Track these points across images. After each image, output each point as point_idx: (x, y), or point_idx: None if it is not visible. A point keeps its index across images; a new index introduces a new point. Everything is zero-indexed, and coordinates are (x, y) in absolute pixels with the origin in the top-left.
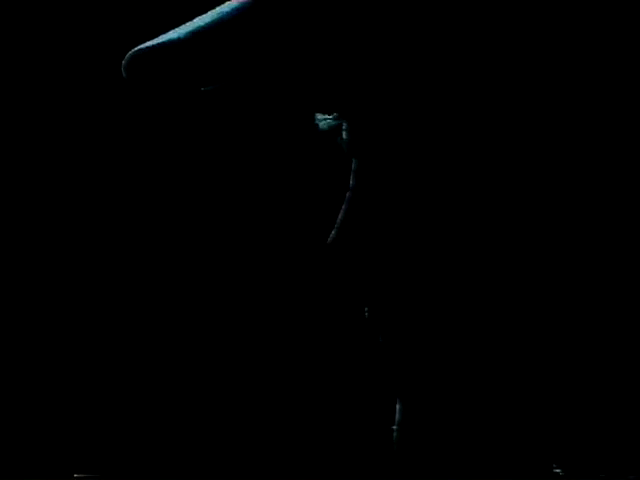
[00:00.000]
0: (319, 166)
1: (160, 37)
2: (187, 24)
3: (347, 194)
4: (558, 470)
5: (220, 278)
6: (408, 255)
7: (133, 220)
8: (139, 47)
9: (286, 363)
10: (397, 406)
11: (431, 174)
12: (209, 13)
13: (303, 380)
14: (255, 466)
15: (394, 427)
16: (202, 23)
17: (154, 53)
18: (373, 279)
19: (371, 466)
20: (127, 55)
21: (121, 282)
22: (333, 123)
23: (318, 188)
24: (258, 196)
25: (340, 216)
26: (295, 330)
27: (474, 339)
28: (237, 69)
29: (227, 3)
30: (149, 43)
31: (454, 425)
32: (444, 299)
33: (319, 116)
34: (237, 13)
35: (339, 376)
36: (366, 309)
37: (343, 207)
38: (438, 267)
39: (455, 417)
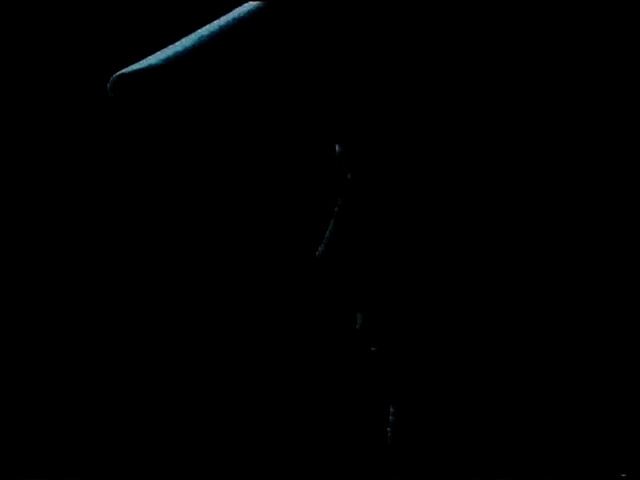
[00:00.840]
0: (309, 177)
1: (141, 61)
2: (167, 48)
3: (336, 208)
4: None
5: (213, 284)
6: (398, 268)
7: (131, 223)
8: (121, 71)
9: (279, 365)
10: (391, 409)
11: (422, 189)
12: (189, 36)
13: (296, 382)
14: (252, 466)
15: (388, 429)
16: (180, 48)
17: (133, 79)
18: (363, 291)
19: (365, 466)
20: (111, 78)
21: (120, 284)
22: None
23: (307, 200)
24: (248, 205)
25: (329, 230)
26: (289, 334)
27: (468, 345)
28: (213, 95)
29: (207, 26)
30: (131, 68)
31: (448, 427)
32: (437, 309)
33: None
34: (215, 37)
35: (331, 379)
36: (357, 320)
37: (332, 221)
38: (430, 279)
39: (449, 420)
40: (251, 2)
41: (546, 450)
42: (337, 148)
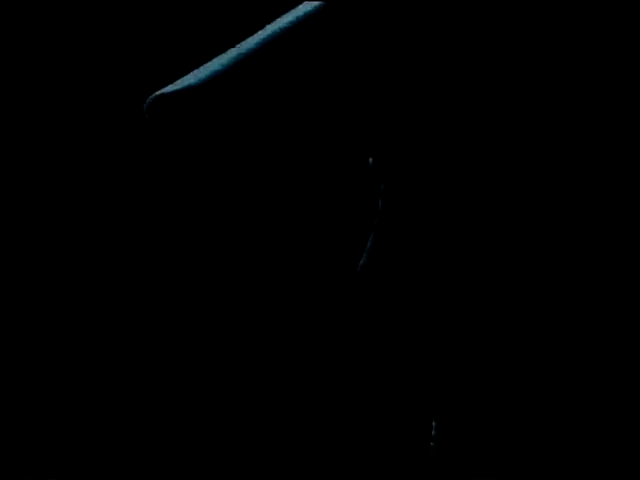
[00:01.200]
0: (346, 189)
1: (179, 81)
2: (206, 65)
3: (375, 221)
4: None
5: (253, 295)
6: (439, 280)
7: (135, 223)
8: (159, 92)
9: (320, 378)
10: (433, 423)
11: (454, 195)
12: (228, 53)
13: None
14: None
15: (431, 442)
16: (218, 67)
17: (172, 99)
18: (404, 303)
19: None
20: (148, 99)
21: (121, 285)
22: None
23: (346, 213)
24: (287, 218)
25: (369, 242)
26: (328, 344)
27: (507, 363)
28: (252, 113)
29: (245, 42)
30: (169, 88)
31: (486, 439)
32: (478, 322)
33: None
34: (255, 52)
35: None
36: (395, 332)
37: (372, 234)
38: (468, 290)
39: (487, 433)
40: (307, 3)
41: (585, 458)
42: (370, 160)
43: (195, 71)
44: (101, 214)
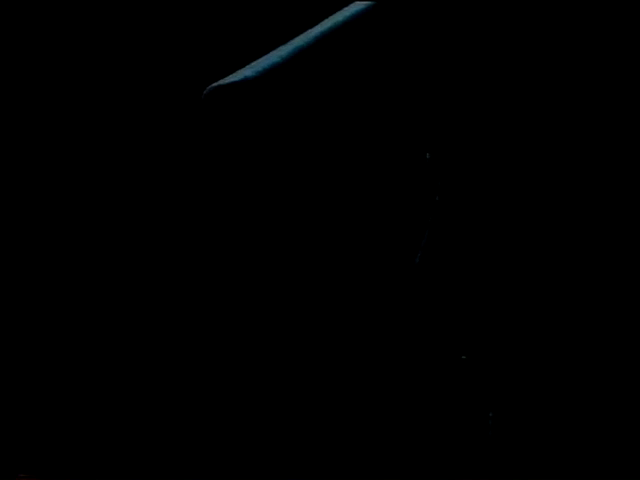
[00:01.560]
0: (403, 185)
1: (236, 73)
2: (262, 58)
3: (430, 217)
4: None
5: (318, 290)
6: (491, 277)
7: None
8: (217, 83)
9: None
10: (490, 414)
11: (511, 192)
12: (285, 46)
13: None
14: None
15: (489, 432)
16: (276, 59)
17: (229, 91)
18: (460, 297)
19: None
20: (205, 90)
21: (122, 284)
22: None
23: (401, 208)
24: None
25: (425, 237)
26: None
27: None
28: (307, 106)
29: (301, 36)
30: (225, 80)
31: (542, 428)
32: (530, 312)
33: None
34: (311, 47)
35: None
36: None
37: (427, 230)
38: (521, 287)
39: (543, 421)
40: (358, 2)
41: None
42: (427, 155)
43: (252, 63)
44: (113, 211)
